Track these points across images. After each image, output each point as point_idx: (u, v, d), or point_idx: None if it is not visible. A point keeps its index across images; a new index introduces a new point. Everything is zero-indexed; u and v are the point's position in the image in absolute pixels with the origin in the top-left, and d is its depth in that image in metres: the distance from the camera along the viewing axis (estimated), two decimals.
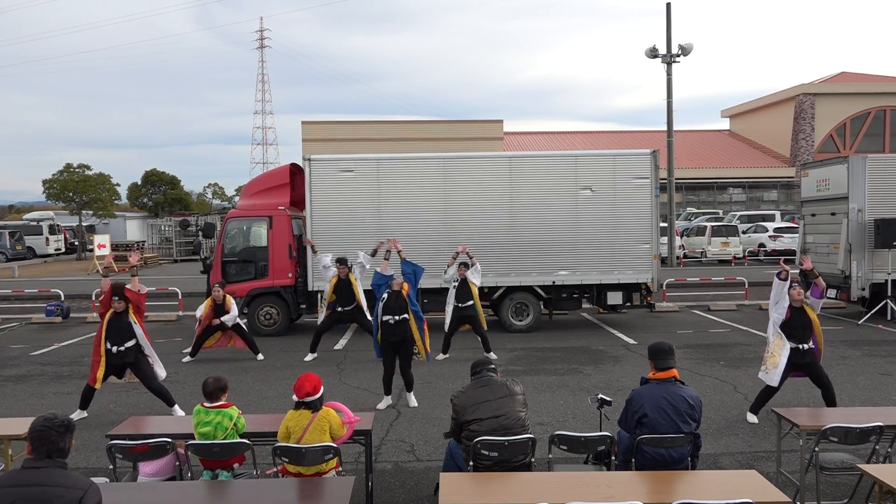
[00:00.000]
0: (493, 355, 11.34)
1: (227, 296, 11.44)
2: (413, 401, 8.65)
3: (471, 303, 11.16)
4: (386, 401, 8.68)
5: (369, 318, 11.14)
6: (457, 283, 11.30)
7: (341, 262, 11.40)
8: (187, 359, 11.58)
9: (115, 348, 8.08)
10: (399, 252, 9.64)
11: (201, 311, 11.41)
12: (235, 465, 5.13)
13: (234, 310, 11.39)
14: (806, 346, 7.56)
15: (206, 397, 5.20)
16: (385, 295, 8.72)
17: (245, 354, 11.68)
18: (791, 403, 8.24)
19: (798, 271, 8.19)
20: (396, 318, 8.61)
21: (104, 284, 8.40)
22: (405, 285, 8.76)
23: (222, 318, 11.22)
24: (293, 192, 14.51)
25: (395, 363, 8.73)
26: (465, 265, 11.28)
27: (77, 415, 8.13)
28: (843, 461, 5.41)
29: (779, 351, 7.65)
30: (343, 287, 11.29)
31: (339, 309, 11.35)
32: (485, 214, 13.63)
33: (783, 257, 7.60)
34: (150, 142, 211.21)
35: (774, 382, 7.60)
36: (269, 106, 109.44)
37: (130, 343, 8.13)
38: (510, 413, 4.93)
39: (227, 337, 11.53)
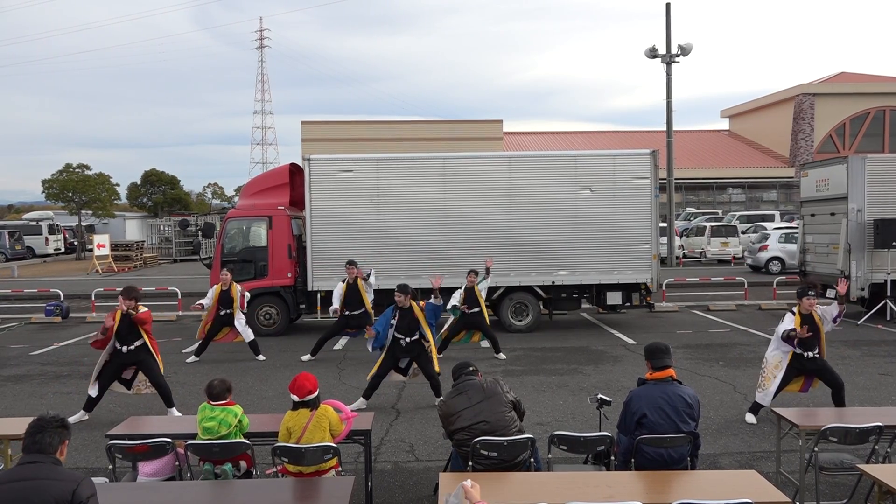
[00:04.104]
0: (502, 356, 11.34)
1: (234, 284, 11.34)
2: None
3: (477, 309, 11.08)
4: (360, 402, 8.47)
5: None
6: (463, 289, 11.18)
7: (351, 262, 11.33)
8: (192, 359, 11.56)
9: (124, 347, 8.11)
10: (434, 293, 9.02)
11: (209, 299, 11.27)
12: (242, 464, 5.13)
13: (240, 298, 11.23)
14: (811, 354, 7.59)
15: (212, 398, 5.20)
16: (397, 314, 8.46)
17: (245, 355, 11.68)
18: (791, 403, 8.24)
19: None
20: (408, 339, 8.47)
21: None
22: (416, 304, 8.50)
23: (235, 325, 11.18)
24: (293, 192, 14.51)
25: (391, 368, 8.66)
26: (476, 273, 11.24)
27: (79, 416, 8.13)
28: (843, 461, 5.41)
29: (775, 372, 7.69)
30: (351, 292, 11.20)
31: (347, 313, 11.27)
32: (484, 214, 13.63)
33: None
34: (150, 142, 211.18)
35: (767, 402, 7.66)
36: (268, 106, 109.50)
37: (139, 342, 8.15)
38: (489, 416, 4.92)
39: (235, 332, 11.47)
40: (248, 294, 11.69)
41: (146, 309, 8.15)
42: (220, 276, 11.47)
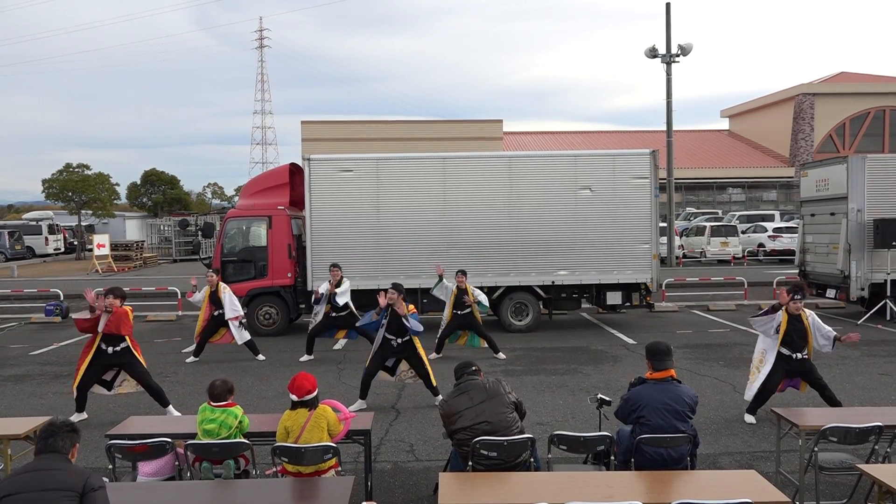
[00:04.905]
0: (501, 355, 11.34)
1: (221, 283, 11.35)
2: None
3: (468, 310, 11.12)
4: (359, 404, 8.42)
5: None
6: (456, 291, 11.19)
7: (335, 265, 11.32)
8: (191, 359, 11.56)
9: (110, 348, 8.08)
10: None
11: (200, 296, 11.31)
12: (241, 460, 5.13)
13: (228, 301, 11.17)
14: (799, 356, 7.62)
15: (214, 399, 5.20)
16: (385, 321, 8.39)
17: (245, 355, 11.68)
18: (791, 403, 8.24)
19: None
20: (399, 340, 8.43)
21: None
22: (409, 307, 8.40)
23: (223, 311, 11.14)
24: (292, 192, 14.51)
25: (382, 364, 8.64)
26: (464, 273, 11.23)
27: (76, 416, 8.12)
28: (843, 461, 5.41)
29: (760, 366, 7.80)
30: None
31: (334, 314, 11.24)
32: (484, 214, 13.63)
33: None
34: (150, 142, 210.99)
35: (748, 396, 7.76)
36: (268, 106, 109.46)
37: (124, 344, 8.13)
38: (491, 417, 4.92)
39: (231, 334, 11.46)
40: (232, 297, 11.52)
41: (126, 308, 8.07)
42: (206, 278, 11.42)
